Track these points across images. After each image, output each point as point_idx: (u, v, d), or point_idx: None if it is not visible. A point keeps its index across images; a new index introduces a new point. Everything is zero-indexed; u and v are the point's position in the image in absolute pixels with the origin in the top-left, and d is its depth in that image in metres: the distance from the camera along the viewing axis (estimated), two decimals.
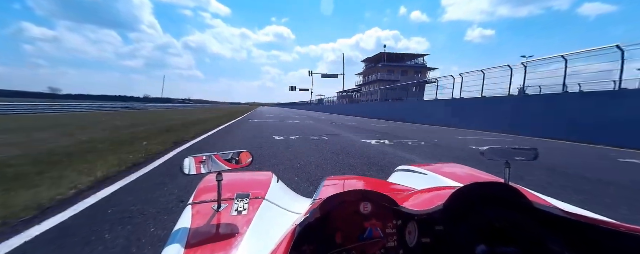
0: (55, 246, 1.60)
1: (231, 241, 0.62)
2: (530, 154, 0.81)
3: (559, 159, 5.06)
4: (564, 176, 3.64)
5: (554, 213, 0.62)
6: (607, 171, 4.34)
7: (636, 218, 2.29)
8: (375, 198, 0.66)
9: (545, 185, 3.14)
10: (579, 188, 3.09)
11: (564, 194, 2.79)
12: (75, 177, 2.80)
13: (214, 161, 0.74)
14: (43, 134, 6.40)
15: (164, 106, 48.87)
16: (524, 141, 8.14)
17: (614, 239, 0.55)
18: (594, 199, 2.76)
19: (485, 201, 0.68)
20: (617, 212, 2.38)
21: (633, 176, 4.05)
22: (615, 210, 2.44)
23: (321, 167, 3.79)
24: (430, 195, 0.79)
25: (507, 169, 0.77)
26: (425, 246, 0.65)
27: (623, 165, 4.87)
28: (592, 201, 2.68)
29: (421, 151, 5.49)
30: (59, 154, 3.92)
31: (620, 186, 3.29)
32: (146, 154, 4.19)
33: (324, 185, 1.05)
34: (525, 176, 3.41)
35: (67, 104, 24.21)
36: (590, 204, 2.55)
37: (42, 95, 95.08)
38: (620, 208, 2.50)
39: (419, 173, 1.25)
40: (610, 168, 4.62)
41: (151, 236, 1.72)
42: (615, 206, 2.55)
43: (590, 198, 2.77)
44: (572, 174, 3.80)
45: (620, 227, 0.55)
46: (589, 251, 0.58)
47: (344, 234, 0.64)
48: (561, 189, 3.00)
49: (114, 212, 2.08)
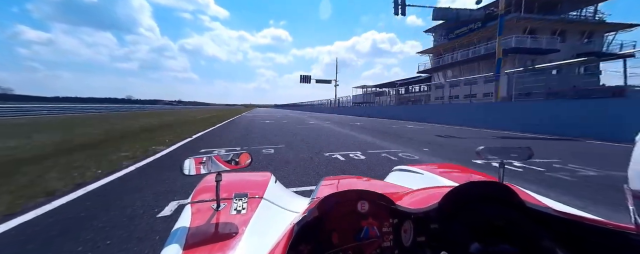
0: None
1: (230, 240, 0.63)
2: (523, 153, 0.84)
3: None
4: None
5: (546, 211, 0.65)
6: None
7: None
8: (372, 197, 0.67)
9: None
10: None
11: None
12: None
13: (214, 162, 0.75)
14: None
15: (148, 108, 45.52)
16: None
17: (602, 236, 0.57)
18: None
19: (480, 199, 0.70)
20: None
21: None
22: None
23: None
24: (426, 194, 0.80)
25: (501, 168, 0.81)
26: (420, 244, 0.67)
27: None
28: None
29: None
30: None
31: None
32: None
33: (321, 185, 1.06)
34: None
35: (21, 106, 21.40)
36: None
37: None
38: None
39: (415, 173, 1.28)
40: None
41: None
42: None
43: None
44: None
45: (608, 224, 0.57)
46: (578, 248, 0.60)
47: (341, 234, 0.64)
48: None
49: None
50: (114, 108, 34.60)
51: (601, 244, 0.57)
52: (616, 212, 2.24)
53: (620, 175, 3.37)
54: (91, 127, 10.02)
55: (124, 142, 6.03)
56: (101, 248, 1.66)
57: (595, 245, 0.58)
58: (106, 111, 29.42)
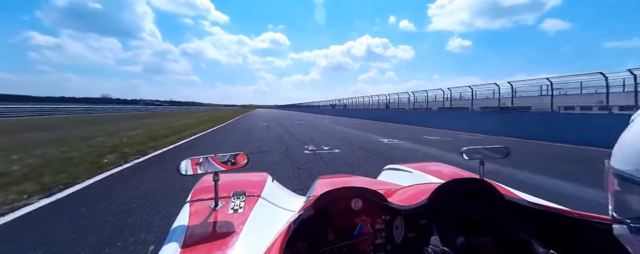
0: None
1: (227, 239, 0.63)
2: (501, 152, 0.93)
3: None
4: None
5: (523, 204, 0.70)
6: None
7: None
8: (365, 194, 0.69)
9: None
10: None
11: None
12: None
13: (210, 163, 0.75)
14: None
15: (118, 109, 41.00)
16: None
17: (575, 226, 0.61)
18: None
19: (464, 195, 0.74)
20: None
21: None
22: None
23: None
24: (415, 191, 0.83)
25: (481, 166, 0.88)
26: (410, 240, 0.69)
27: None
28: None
29: None
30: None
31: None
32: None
33: (317, 184, 1.07)
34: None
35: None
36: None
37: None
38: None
39: (405, 171, 1.32)
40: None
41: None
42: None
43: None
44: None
45: (583, 216, 0.60)
46: (553, 238, 0.64)
47: (336, 231, 0.66)
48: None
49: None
50: (76, 110, 30.03)
51: (574, 234, 0.61)
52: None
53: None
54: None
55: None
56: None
57: (569, 235, 0.62)
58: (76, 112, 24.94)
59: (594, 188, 3.20)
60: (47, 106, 29.39)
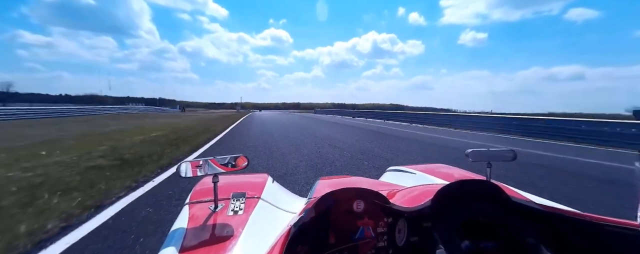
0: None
1: (227, 242, 0.62)
2: (508, 155, 0.90)
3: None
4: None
5: (531, 206, 0.68)
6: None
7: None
8: (367, 195, 0.67)
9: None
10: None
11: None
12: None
13: (210, 165, 0.74)
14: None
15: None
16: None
17: (590, 232, 0.58)
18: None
19: (470, 197, 0.72)
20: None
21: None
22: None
23: None
24: (418, 192, 0.81)
25: (488, 168, 0.86)
26: (413, 244, 0.68)
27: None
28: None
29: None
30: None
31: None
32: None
33: (317, 184, 1.05)
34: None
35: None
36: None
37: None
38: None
39: (408, 173, 1.30)
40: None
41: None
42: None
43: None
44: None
45: (601, 220, 0.57)
46: (561, 241, 0.62)
47: (338, 234, 0.64)
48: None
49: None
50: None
51: (583, 237, 0.59)
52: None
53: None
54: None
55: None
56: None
57: (577, 238, 0.60)
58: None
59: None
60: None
